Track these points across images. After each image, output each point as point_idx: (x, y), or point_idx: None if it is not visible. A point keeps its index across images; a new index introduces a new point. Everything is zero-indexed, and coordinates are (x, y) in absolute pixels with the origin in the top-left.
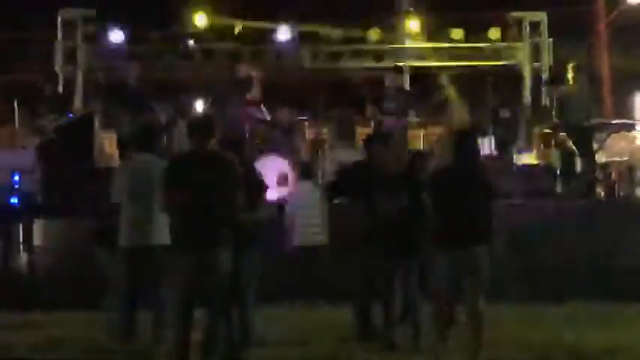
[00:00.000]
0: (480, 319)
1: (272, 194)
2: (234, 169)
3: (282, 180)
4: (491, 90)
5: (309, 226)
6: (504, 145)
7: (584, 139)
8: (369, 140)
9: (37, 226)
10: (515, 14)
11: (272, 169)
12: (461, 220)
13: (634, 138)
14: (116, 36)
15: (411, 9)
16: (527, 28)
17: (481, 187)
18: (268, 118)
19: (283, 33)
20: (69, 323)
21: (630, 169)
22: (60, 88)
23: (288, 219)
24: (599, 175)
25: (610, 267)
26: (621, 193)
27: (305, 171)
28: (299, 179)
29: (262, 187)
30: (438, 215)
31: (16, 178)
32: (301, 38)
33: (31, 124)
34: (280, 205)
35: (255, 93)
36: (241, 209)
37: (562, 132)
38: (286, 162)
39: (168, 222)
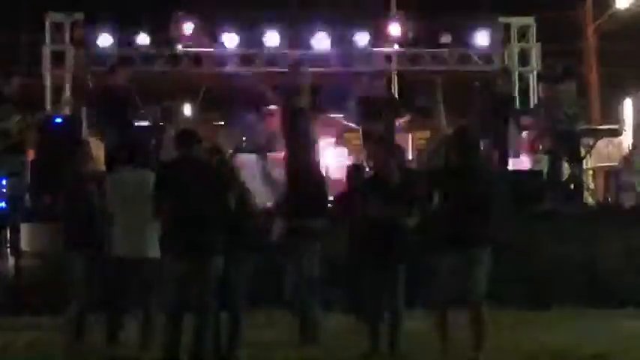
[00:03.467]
0: (483, 321)
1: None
2: (223, 175)
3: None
4: (480, 95)
5: None
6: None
7: (572, 144)
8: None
9: (24, 230)
10: (504, 19)
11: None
12: (464, 219)
13: (621, 143)
14: (105, 40)
15: (400, 13)
16: (516, 33)
17: (485, 185)
18: None
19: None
20: (55, 327)
21: (617, 174)
22: (48, 92)
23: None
24: (586, 180)
25: (598, 272)
26: (609, 199)
27: None
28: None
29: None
30: (444, 215)
31: (4, 182)
32: (289, 42)
33: None
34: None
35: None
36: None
37: (550, 137)
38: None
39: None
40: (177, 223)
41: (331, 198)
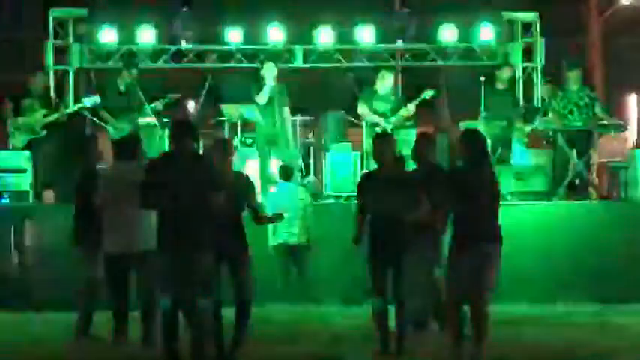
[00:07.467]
0: (486, 320)
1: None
2: (213, 171)
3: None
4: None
5: (289, 226)
6: (497, 146)
7: (579, 140)
8: None
9: (28, 226)
10: (508, 14)
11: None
12: (471, 219)
13: (626, 139)
14: (108, 36)
15: (404, 8)
16: (520, 28)
17: (490, 186)
18: None
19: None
20: (59, 323)
21: (622, 170)
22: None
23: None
24: (591, 175)
25: (601, 268)
26: (613, 194)
27: (290, 172)
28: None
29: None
30: (453, 214)
31: (9, 178)
32: (293, 38)
33: (16, 122)
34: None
35: None
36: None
37: (557, 132)
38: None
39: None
40: (165, 219)
41: None
